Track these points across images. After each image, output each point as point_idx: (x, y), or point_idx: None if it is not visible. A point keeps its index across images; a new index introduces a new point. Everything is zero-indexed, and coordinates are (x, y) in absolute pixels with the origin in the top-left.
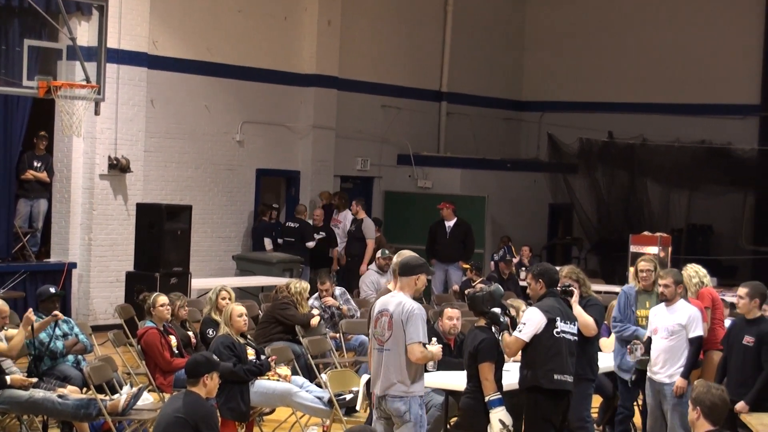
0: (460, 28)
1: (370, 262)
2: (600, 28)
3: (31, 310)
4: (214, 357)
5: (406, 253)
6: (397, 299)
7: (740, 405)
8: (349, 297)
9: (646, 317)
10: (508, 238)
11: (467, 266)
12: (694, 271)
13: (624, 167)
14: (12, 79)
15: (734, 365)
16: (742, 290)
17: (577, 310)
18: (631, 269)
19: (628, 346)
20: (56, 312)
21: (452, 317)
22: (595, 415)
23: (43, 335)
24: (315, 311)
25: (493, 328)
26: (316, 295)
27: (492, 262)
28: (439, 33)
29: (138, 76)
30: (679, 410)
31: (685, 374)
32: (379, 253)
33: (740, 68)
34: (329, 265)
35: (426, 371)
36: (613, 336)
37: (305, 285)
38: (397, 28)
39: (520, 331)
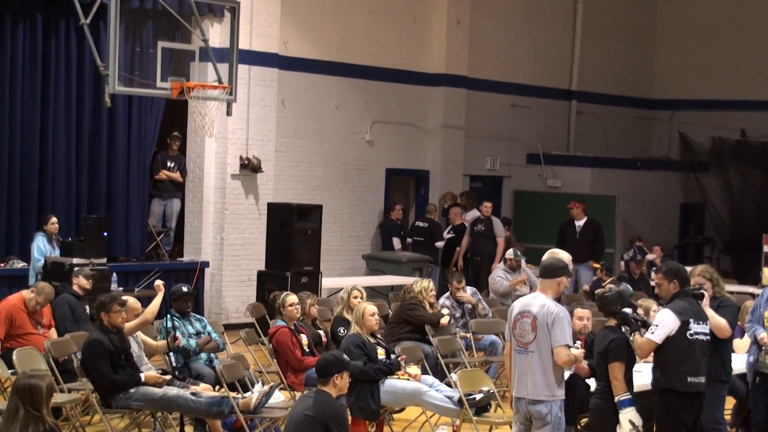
0: (590, 26)
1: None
2: (731, 24)
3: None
4: (345, 356)
5: (558, 252)
6: (540, 301)
7: None
8: (481, 297)
9: None
10: (638, 238)
11: (597, 266)
12: None
13: (757, 166)
14: (146, 81)
15: None
16: None
17: (709, 312)
18: (766, 270)
19: (763, 344)
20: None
21: (582, 317)
22: (728, 417)
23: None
24: (445, 311)
25: (623, 328)
26: (447, 294)
27: (622, 262)
28: (568, 31)
29: (269, 76)
30: None
31: None
32: (509, 253)
33: None
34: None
35: None
36: (746, 337)
37: (426, 283)
38: (526, 27)
39: (652, 332)
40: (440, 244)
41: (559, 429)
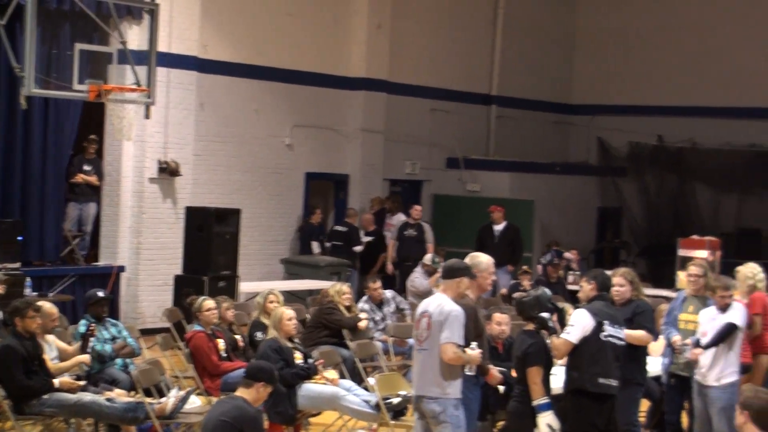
0: (511, 32)
1: None
2: (650, 31)
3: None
4: (277, 373)
5: (478, 256)
6: (438, 301)
7: None
8: (402, 299)
9: (687, 321)
10: (555, 242)
11: (525, 268)
12: (751, 273)
13: (673, 171)
14: (63, 83)
15: None
16: None
17: (626, 332)
18: (682, 273)
19: (677, 347)
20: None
21: (501, 322)
22: (642, 419)
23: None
24: (363, 314)
25: (541, 333)
26: (366, 297)
27: (540, 266)
28: (489, 36)
29: (188, 79)
30: (726, 414)
31: (707, 346)
32: (427, 258)
33: None
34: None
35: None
36: (661, 339)
37: (339, 286)
38: (447, 32)
39: (568, 333)
40: (359, 248)
41: (459, 428)
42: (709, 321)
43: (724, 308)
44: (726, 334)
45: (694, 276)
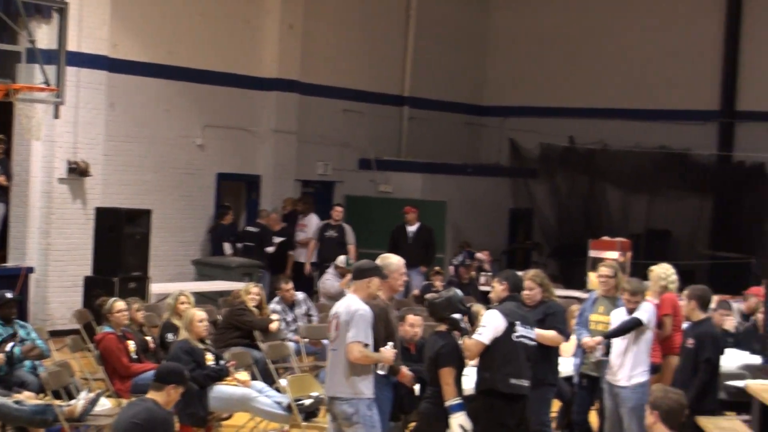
0: (423, 33)
1: None
2: (562, 34)
3: None
4: (187, 373)
5: (389, 257)
6: (347, 301)
7: None
8: (312, 304)
9: (598, 321)
10: (467, 243)
11: (437, 269)
12: (664, 273)
13: (584, 172)
14: None
15: (680, 368)
16: (683, 293)
17: (537, 332)
18: (593, 274)
19: (588, 347)
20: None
21: (414, 324)
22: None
23: None
24: (275, 316)
25: (453, 333)
26: (278, 299)
27: (452, 267)
28: (401, 38)
29: (98, 79)
30: (636, 414)
31: (607, 336)
32: (340, 260)
33: (700, 74)
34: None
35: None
36: (573, 340)
37: (247, 287)
38: (360, 33)
39: (480, 333)
40: (270, 249)
41: (374, 428)
42: (617, 320)
43: (632, 311)
44: (629, 328)
45: (604, 277)
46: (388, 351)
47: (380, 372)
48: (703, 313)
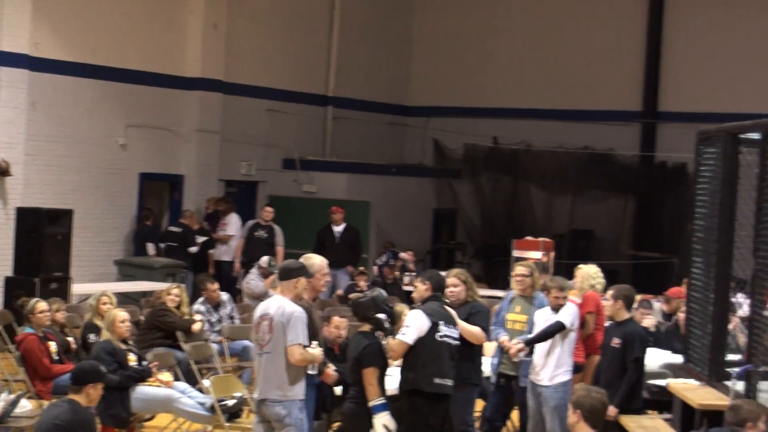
0: (347, 33)
1: None
2: (485, 34)
3: None
4: (102, 368)
5: (311, 257)
6: (277, 302)
7: (610, 410)
8: (234, 306)
9: (515, 320)
10: (391, 243)
11: (361, 269)
12: (592, 273)
13: (508, 172)
14: None
15: (604, 368)
16: (608, 293)
17: (461, 325)
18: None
19: (505, 346)
20: None
21: (339, 326)
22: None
23: None
24: (198, 316)
25: (377, 334)
26: (202, 299)
27: (376, 267)
28: (325, 37)
29: (19, 78)
30: (558, 413)
31: (529, 342)
32: (263, 261)
33: (622, 75)
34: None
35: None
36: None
37: (169, 288)
38: (284, 32)
39: (403, 333)
40: (194, 249)
41: (303, 430)
42: (544, 322)
43: (557, 308)
44: (552, 333)
45: (520, 276)
46: (317, 350)
47: (311, 372)
48: (628, 313)
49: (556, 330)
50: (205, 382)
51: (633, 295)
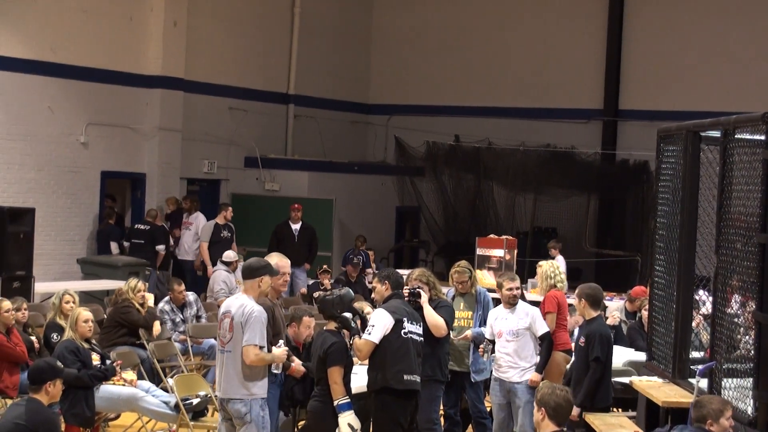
0: (308, 31)
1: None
2: (446, 32)
3: None
4: (58, 363)
5: (271, 257)
6: (240, 301)
7: (573, 410)
8: (202, 306)
9: (460, 317)
10: (363, 240)
11: (324, 267)
12: (552, 271)
13: (470, 170)
14: None
15: (574, 366)
16: (576, 292)
17: (428, 310)
18: (480, 272)
19: (480, 347)
20: None
21: (310, 326)
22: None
23: None
24: (165, 316)
25: (342, 332)
26: (167, 298)
27: (350, 267)
28: (286, 36)
29: None
30: (530, 409)
31: (540, 369)
32: (230, 256)
33: (584, 73)
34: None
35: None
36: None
37: (134, 284)
38: (245, 31)
39: (369, 333)
40: (161, 248)
41: (264, 428)
42: (502, 321)
43: (513, 302)
44: (550, 349)
45: (460, 283)
46: (281, 350)
47: (275, 371)
48: (595, 311)
49: (551, 341)
50: (169, 381)
51: (599, 293)
